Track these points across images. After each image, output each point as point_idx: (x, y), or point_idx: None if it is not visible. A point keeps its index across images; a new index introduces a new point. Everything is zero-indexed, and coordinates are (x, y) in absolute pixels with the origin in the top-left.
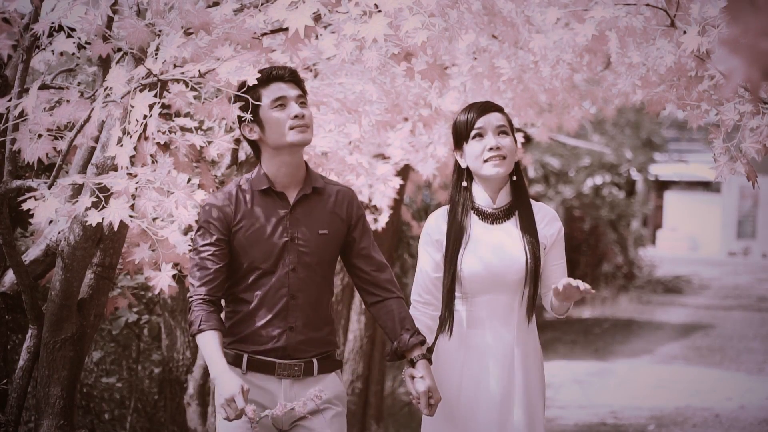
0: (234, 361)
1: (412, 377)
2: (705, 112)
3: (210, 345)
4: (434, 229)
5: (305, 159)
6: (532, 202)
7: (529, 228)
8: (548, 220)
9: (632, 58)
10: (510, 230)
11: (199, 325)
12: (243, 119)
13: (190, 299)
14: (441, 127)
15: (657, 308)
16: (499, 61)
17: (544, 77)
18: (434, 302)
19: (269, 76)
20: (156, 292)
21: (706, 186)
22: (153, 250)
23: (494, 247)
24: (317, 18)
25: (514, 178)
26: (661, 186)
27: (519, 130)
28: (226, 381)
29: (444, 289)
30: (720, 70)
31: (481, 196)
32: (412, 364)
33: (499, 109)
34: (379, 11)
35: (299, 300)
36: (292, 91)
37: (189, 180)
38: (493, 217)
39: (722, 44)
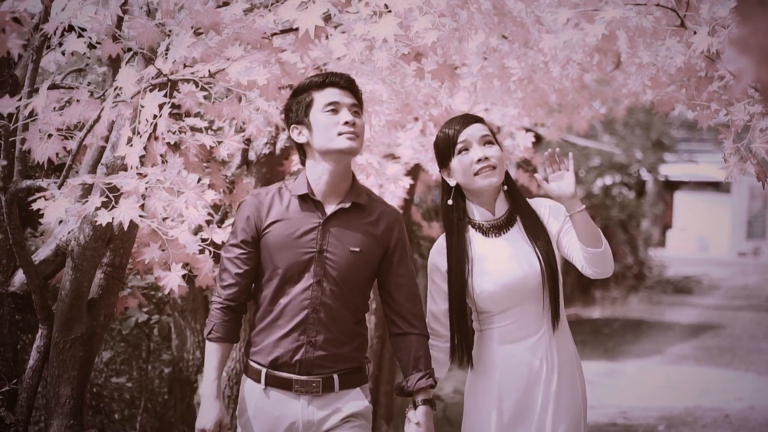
0: (254, 375)
1: (409, 420)
2: (715, 112)
3: (211, 358)
4: (437, 258)
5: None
6: (531, 200)
7: (535, 230)
8: (553, 212)
9: (642, 58)
10: (516, 238)
11: (209, 333)
12: (291, 121)
13: (212, 301)
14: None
15: (667, 308)
16: (509, 61)
17: (554, 77)
18: (445, 333)
19: (325, 81)
20: (166, 292)
21: (715, 186)
22: (163, 250)
23: (504, 261)
24: (327, 18)
25: (506, 187)
26: (671, 186)
27: (529, 130)
28: (206, 410)
29: (451, 316)
30: (730, 70)
31: (477, 210)
32: (414, 406)
33: (480, 120)
34: (389, 11)
35: (321, 314)
36: (346, 98)
37: (199, 180)
38: (496, 229)
39: (732, 44)
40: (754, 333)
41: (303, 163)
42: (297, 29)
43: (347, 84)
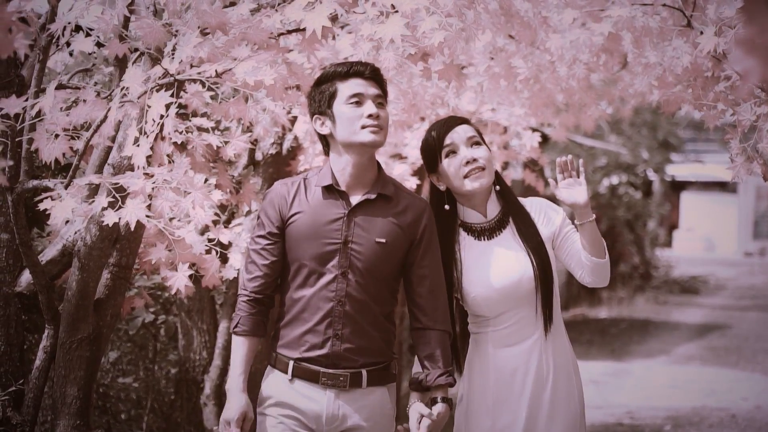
0: (281, 366)
1: (420, 415)
2: (721, 112)
3: (237, 353)
4: None
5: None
6: (525, 200)
7: (528, 232)
8: (548, 213)
9: (649, 58)
10: (508, 241)
11: (236, 326)
12: (314, 111)
13: (239, 294)
14: None
15: (673, 309)
16: (516, 61)
17: (560, 77)
18: None
19: (349, 71)
20: (172, 292)
21: (722, 186)
22: (169, 250)
23: (497, 264)
24: (334, 18)
25: (497, 187)
26: (678, 186)
27: (536, 129)
28: (233, 402)
29: None
30: (736, 70)
31: (469, 214)
32: (432, 402)
33: (465, 121)
34: (396, 12)
35: (347, 307)
36: (371, 89)
37: (206, 180)
38: (489, 232)
39: (739, 45)
40: (760, 333)
41: (326, 153)
42: (304, 29)
43: (372, 74)
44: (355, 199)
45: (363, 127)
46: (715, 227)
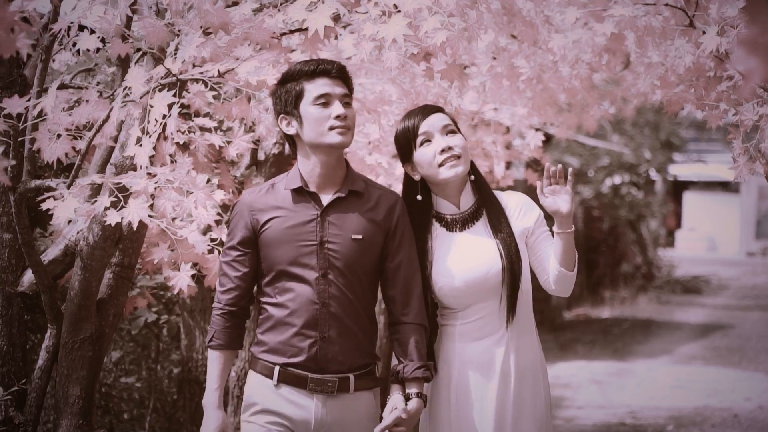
0: (265, 371)
1: (395, 407)
2: (724, 112)
3: (213, 366)
4: None
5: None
6: (503, 193)
7: (499, 224)
8: (525, 209)
9: (651, 58)
10: (480, 233)
11: (211, 340)
12: (279, 110)
13: (213, 306)
14: (460, 126)
15: (676, 308)
16: (519, 61)
17: (563, 77)
18: None
19: (316, 70)
20: (175, 292)
21: (724, 186)
22: (172, 250)
23: (466, 256)
24: (336, 18)
25: (473, 177)
26: (680, 186)
27: (538, 129)
28: (210, 419)
29: None
30: (739, 70)
31: (442, 204)
32: (407, 397)
33: (440, 110)
34: (399, 11)
35: (332, 308)
36: (337, 89)
37: (208, 180)
38: (461, 223)
39: (741, 44)
40: (763, 333)
41: (294, 153)
42: (306, 29)
43: (339, 72)
44: (326, 198)
45: (331, 129)
46: (717, 227)
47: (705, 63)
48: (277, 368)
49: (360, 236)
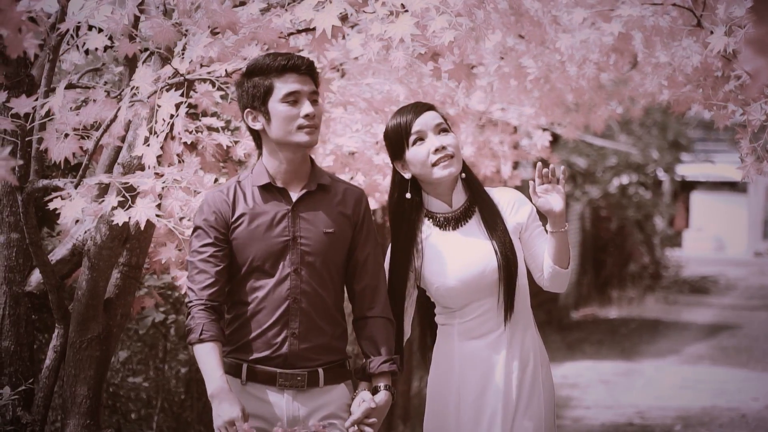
0: (232, 371)
1: (363, 400)
2: (731, 112)
3: (209, 358)
4: None
5: (312, 156)
6: (495, 189)
7: (493, 222)
8: (517, 205)
9: (659, 58)
10: (473, 231)
11: (201, 334)
12: (246, 104)
13: (190, 304)
14: (468, 126)
15: (683, 308)
16: (526, 61)
17: (570, 77)
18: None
19: (286, 65)
20: (182, 291)
21: (732, 186)
22: (179, 250)
23: (460, 255)
24: (344, 18)
25: (464, 175)
26: (688, 186)
27: (546, 129)
28: (226, 402)
29: (395, 311)
30: (746, 70)
31: (434, 203)
32: (375, 390)
33: (432, 108)
34: (406, 11)
35: (303, 304)
36: (306, 86)
37: (216, 180)
38: (454, 221)
39: (748, 44)
40: None
41: (258, 147)
42: (314, 29)
43: (308, 69)
44: (295, 194)
45: (299, 128)
46: (725, 227)
47: (712, 63)
48: (244, 365)
49: (332, 230)
